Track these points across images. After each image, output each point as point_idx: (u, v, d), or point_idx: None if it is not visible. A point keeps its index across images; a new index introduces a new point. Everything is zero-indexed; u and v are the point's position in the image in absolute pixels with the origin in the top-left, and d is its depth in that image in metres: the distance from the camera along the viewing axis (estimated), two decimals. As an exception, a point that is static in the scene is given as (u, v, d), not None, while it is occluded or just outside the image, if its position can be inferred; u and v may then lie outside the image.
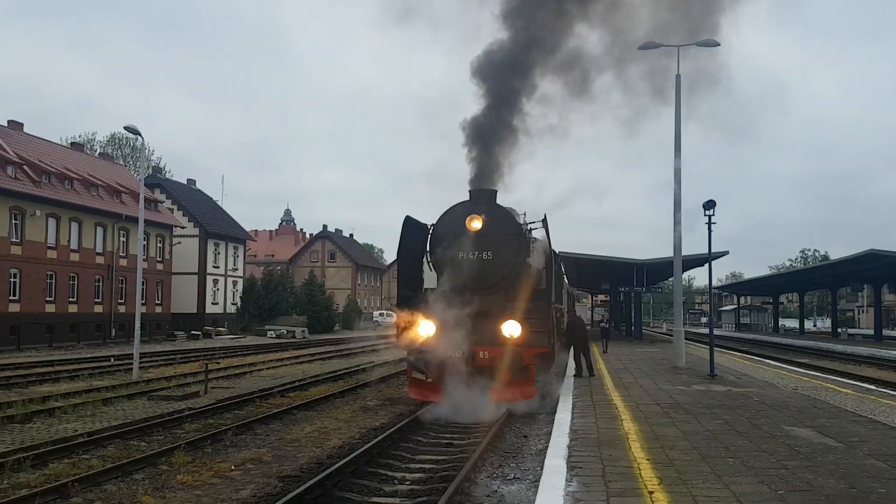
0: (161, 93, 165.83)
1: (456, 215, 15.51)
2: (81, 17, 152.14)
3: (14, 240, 38.58)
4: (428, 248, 15.96)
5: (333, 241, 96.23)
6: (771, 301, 72.67)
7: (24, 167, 40.23)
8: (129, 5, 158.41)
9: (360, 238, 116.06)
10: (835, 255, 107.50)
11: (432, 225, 15.93)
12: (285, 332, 54.64)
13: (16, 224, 38.81)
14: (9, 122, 45.11)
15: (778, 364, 25.57)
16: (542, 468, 8.41)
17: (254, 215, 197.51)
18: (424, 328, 14.93)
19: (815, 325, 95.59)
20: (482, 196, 15.69)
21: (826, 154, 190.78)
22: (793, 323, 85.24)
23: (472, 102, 16.36)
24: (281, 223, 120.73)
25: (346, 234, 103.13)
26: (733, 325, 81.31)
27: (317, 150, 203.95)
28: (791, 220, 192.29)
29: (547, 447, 9.57)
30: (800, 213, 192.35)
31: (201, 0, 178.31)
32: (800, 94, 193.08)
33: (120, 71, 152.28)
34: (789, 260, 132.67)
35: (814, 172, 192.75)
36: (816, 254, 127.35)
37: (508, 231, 15.39)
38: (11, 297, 38.40)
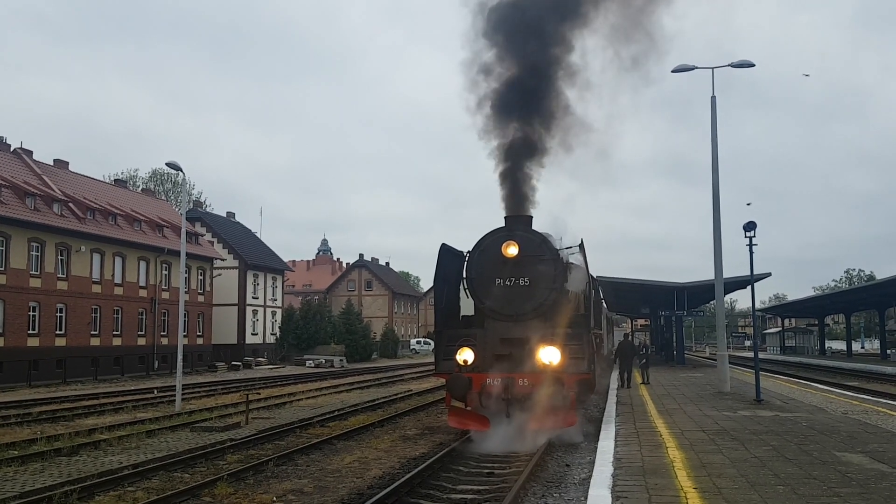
0: (212, 119, 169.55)
1: (492, 242, 15.50)
2: (139, 41, 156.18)
3: (60, 275, 39.55)
4: (464, 276, 15.94)
5: (370, 270, 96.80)
6: (816, 323, 71.02)
7: (70, 204, 41.37)
8: (185, 29, 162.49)
9: (396, 266, 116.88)
10: (881, 274, 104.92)
11: (468, 252, 15.92)
12: (323, 361, 54.88)
13: (62, 260, 39.82)
14: (55, 160, 46.55)
15: (826, 388, 24.89)
16: (586, 498, 8.27)
17: (294, 242, 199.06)
18: (462, 356, 14.87)
19: (862, 347, 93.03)
20: (518, 222, 15.68)
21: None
22: (839, 345, 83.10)
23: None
24: (318, 253, 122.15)
25: (381, 262, 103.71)
26: (778, 348, 79.54)
27: (360, 175, 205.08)
28: (836, 239, 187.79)
29: (590, 476, 9.41)
30: (845, 231, 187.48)
31: (259, 27, 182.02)
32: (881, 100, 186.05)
33: (173, 97, 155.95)
34: (834, 280, 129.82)
35: (880, 189, 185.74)
36: (861, 273, 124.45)
37: (545, 257, 15.31)
38: (58, 332, 39.30)
